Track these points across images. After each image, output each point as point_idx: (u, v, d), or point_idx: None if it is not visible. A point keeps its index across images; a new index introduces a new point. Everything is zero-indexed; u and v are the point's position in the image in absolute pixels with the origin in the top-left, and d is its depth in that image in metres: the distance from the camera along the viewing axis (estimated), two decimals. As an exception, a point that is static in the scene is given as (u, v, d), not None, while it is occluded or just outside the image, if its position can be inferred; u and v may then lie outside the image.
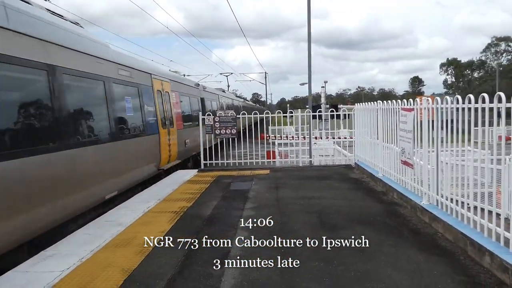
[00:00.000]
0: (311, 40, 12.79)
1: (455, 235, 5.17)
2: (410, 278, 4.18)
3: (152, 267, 4.69)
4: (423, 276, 4.23)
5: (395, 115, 7.89)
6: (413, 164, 6.92)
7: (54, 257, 5.12)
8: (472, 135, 5.38)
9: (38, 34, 6.24)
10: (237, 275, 4.37)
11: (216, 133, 12.21)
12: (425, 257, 4.73)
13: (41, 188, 5.96)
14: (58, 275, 4.53)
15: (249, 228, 6.07)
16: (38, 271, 4.71)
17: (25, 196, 5.59)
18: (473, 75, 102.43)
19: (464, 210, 5.23)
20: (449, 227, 5.33)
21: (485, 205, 4.98)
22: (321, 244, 5.26)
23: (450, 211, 5.63)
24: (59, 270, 4.69)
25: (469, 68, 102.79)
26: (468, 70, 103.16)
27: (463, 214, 5.22)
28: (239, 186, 9.42)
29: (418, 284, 4.06)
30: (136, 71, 10.44)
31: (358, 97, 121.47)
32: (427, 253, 4.86)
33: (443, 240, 5.32)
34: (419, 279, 4.17)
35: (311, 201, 7.67)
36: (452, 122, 5.63)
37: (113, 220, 6.79)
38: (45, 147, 6.10)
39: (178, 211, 7.23)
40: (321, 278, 4.23)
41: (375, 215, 6.58)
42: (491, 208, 4.70)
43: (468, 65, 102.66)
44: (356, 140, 12.25)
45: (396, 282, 4.09)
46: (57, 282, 4.36)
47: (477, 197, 5.10)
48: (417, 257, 4.75)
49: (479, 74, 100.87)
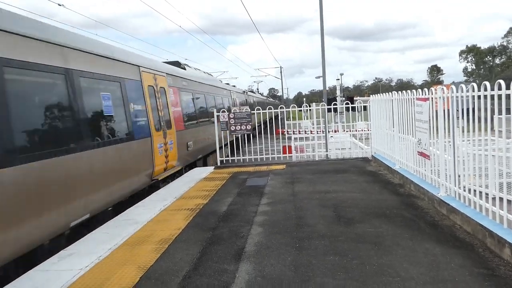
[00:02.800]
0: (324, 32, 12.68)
1: (473, 227, 5.07)
2: (427, 271, 4.11)
3: (168, 264, 4.74)
4: (441, 269, 4.15)
5: (411, 105, 7.76)
6: (430, 155, 6.80)
7: (73, 256, 5.22)
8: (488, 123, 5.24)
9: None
10: (251, 271, 4.38)
11: (231, 130, 12.22)
12: (443, 250, 4.65)
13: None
14: (77, 273, 4.62)
15: (265, 223, 6.07)
16: (58, 269, 4.81)
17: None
18: (495, 62, 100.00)
19: (482, 201, 5.11)
20: (468, 218, 5.22)
21: (504, 195, 4.86)
22: (337, 238, 5.23)
23: (468, 202, 5.51)
24: (78, 268, 4.78)
25: (490, 54, 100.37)
26: (489, 57, 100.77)
27: (482, 205, 5.10)
28: (255, 182, 9.43)
29: (435, 277, 3.99)
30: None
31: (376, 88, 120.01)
32: (445, 246, 4.78)
33: (462, 232, 5.22)
34: (436, 272, 4.10)
35: (327, 195, 7.62)
36: (469, 111, 5.50)
37: (130, 218, 6.88)
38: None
39: (194, 208, 7.28)
40: (335, 273, 4.20)
41: (392, 207, 6.49)
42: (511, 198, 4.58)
43: (489, 51, 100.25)
44: (372, 132, 12.11)
45: (412, 276, 4.03)
46: (76, 280, 4.44)
47: (496, 187, 4.98)
48: (434, 249, 4.67)
49: (500, 60, 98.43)
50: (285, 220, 6.14)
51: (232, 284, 4.09)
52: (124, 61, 9.06)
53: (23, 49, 5.71)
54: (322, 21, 12.61)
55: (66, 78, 6.60)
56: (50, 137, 6.09)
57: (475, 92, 5.21)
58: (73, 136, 6.57)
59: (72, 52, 6.95)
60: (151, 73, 10.50)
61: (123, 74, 8.80)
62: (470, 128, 5.46)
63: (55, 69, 6.37)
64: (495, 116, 5.03)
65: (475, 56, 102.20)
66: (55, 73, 6.37)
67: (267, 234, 5.57)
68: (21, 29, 5.78)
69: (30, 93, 5.85)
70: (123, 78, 8.75)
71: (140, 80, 9.65)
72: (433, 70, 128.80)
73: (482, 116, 5.16)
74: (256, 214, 6.58)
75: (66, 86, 6.60)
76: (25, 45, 5.80)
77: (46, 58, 6.18)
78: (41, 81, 6.17)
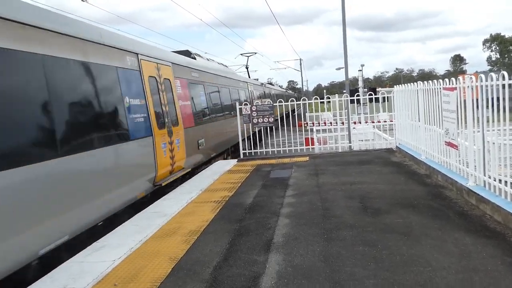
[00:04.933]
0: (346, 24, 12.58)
1: (504, 217, 5.01)
2: (457, 261, 4.10)
3: (198, 255, 4.83)
4: (472, 259, 4.13)
5: (437, 95, 7.66)
6: (458, 145, 6.72)
7: (106, 248, 5.37)
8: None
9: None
10: (281, 261, 4.44)
11: (254, 122, 12.28)
12: (473, 240, 4.62)
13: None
14: (110, 265, 4.76)
15: (291, 215, 6.12)
16: (91, 261, 4.96)
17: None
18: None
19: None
20: (498, 208, 5.16)
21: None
22: (365, 228, 5.24)
23: (498, 192, 5.44)
24: (110, 260, 4.91)
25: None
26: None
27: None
28: (279, 174, 9.47)
29: (466, 266, 3.97)
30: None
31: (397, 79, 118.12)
32: (475, 236, 4.74)
33: (492, 222, 5.16)
34: (467, 261, 4.08)
35: (352, 186, 7.61)
36: (498, 100, 5.41)
37: (158, 211, 7.02)
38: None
39: (220, 200, 7.37)
40: (365, 263, 4.22)
41: (419, 198, 6.45)
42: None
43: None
44: (396, 123, 11.98)
45: (443, 265, 4.02)
46: (110, 271, 4.58)
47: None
48: (464, 239, 4.64)
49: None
50: (312, 211, 6.17)
51: (263, 275, 4.16)
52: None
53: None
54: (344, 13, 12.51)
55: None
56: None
57: (505, 81, 5.12)
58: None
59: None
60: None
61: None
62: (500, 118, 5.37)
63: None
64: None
65: (499, 45, 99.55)
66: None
67: (295, 225, 5.62)
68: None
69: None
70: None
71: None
72: (455, 59, 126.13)
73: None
74: (282, 206, 6.63)
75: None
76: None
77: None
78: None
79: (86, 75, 6.46)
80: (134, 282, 4.24)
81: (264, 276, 4.13)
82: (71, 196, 5.65)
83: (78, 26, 6.65)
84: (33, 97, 5.19)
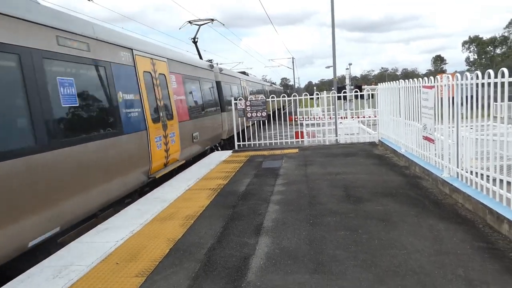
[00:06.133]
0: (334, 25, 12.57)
1: (474, 205, 5.09)
2: (431, 245, 4.18)
3: (194, 238, 4.88)
4: (444, 243, 4.21)
5: (417, 93, 7.71)
6: (434, 139, 6.79)
7: (109, 230, 5.40)
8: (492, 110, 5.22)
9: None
10: (269, 244, 4.49)
11: (248, 116, 12.30)
12: (446, 226, 4.70)
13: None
14: (113, 245, 4.80)
15: (280, 202, 6.17)
16: (96, 241, 4.99)
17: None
18: (496, 52, 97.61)
19: (483, 181, 5.12)
20: (469, 197, 5.24)
21: (504, 177, 4.86)
22: (347, 215, 5.30)
23: (470, 182, 5.53)
24: (114, 240, 4.96)
25: (491, 44, 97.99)
26: (490, 47, 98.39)
27: (483, 185, 5.12)
28: (271, 164, 9.51)
29: (438, 250, 4.05)
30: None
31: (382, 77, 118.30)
32: (447, 222, 4.82)
33: (463, 209, 5.24)
34: (439, 245, 4.16)
35: (337, 176, 7.67)
36: (472, 98, 5.47)
37: (158, 197, 7.05)
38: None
39: (215, 188, 7.41)
40: (347, 246, 4.29)
41: (398, 188, 6.53)
42: (510, 179, 4.59)
43: (491, 41, 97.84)
44: (379, 118, 12.05)
45: (417, 248, 4.10)
46: (113, 251, 4.62)
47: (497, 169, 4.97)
48: (438, 225, 4.72)
49: (501, 50, 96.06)
50: (299, 199, 6.23)
51: (253, 256, 4.21)
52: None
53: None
54: (333, 15, 12.49)
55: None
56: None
57: (479, 80, 5.18)
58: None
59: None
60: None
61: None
62: (473, 114, 5.43)
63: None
64: (496, 103, 5.00)
65: (477, 47, 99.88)
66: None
67: (283, 211, 5.67)
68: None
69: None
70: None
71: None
72: (436, 59, 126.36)
73: (485, 103, 5.14)
74: (272, 194, 6.68)
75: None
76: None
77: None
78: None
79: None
80: (134, 261, 4.28)
81: (254, 257, 4.18)
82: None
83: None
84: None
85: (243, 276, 3.78)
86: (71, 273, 4.11)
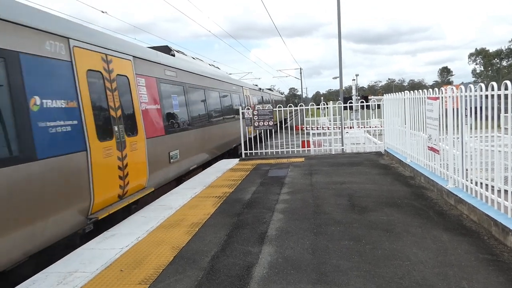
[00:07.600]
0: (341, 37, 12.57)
1: (479, 216, 4.99)
2: (435, 256, 4.09)
3: (198, 245, 4.84)
4: (448, 254, 4.12)
5: (422, 104, 7.64)
6: (439, 150, 6.70)
7: (115, 237, 5.39)
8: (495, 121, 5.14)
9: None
10: (273, 253, 4.43)
11: (255, 125, 12.30)
12: (450, 237, 4.60)
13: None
14: (119, 252, 4.78)
15: (285, 210, 6.11)
16: (102, 248, 4.98)
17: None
18: (502, 64, 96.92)
19: (489, 192, 5.02)
20: (474, 208, 5.14)
21: (509, 188, 4.76)
22: (351, 224, 5.23)
23: (475, 193, 5.42)
24: (119, 247, 4.94)
25: (497, 57, 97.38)
26: (496, 59, 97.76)
27: (488, 196, 5.01)
28: (276, 173, 9.46)
29: (442, 261, 3.96)
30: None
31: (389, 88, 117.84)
32: (452, 233, 4.72)
33: (468, 221, 5.14)
34: (444, 257, 4.07)
35: (342, 185, 7.59)
36: (476, 109, 5.40)
37: (165, 204, 7.03)
38: None
39: (221, 196, 7.38)
40: (350, 256, 4.22)
41: (403, 198, 6.43)
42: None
43: (497, 54, 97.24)
44: (385, 128, 11.96)
45: (421, 260, 4.01)
46: (118, 258, 4.60)
47: (501, 180, 4.87)
48: (442, 236, 4.63)
49: (508, 62, 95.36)
50: (304, 208, 6.16)
51: (256, 265, 4.16)
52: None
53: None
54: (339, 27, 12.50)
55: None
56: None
57: (483, 92, 5.11)
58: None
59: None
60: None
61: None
62: (478, 125, 5.36)
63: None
64: (501, 115, 4.92)
65: (484, 59, 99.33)
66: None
67: (288, 220, 5.61)
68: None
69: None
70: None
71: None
72: (443, 71, 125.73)
73: (489, 115, 5.06)
74: (277, 202, 6.63)
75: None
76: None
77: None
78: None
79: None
80: (138, 268, 4.25)
81: (257, 266, 4.13)
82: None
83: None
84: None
85: (246, 285, 3.72)
86: (76, 279, 4.09)
